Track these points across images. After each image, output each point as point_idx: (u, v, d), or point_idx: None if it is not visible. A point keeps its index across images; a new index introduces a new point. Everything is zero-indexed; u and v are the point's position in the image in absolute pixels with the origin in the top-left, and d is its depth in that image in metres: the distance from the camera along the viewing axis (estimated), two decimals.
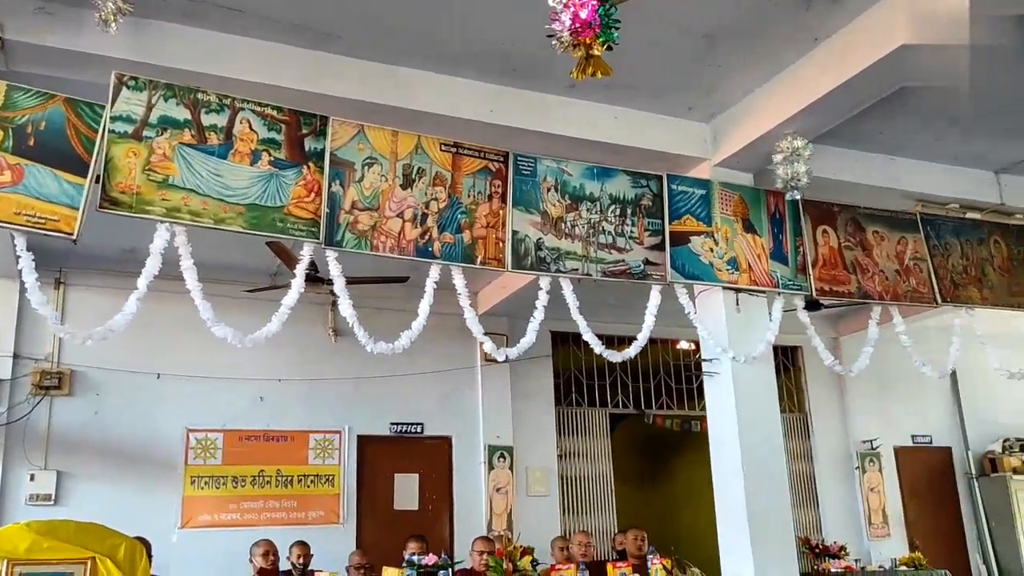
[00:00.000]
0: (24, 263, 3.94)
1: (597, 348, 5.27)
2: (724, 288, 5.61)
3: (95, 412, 7.51)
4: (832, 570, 8.60)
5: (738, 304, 5.66)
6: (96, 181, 4.04)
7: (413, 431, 8.63)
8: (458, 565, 6.08)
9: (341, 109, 4.77)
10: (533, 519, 8.51)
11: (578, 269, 5.15)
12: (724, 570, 5.52)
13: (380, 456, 8.43)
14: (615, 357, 5.40)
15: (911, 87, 5.06)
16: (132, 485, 7.39)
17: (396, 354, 4.74)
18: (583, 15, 2.71)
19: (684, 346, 9.64)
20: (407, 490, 8.48)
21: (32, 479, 7.13)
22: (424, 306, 4.71)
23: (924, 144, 6.30)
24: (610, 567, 5.76)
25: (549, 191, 5.16)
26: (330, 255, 4.55)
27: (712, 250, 5.55)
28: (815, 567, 8.88)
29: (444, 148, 4.92)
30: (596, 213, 5.26)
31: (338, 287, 4.58)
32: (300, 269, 4.55)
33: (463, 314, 4.88)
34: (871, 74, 4.75)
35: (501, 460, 8.72)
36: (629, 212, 5.37)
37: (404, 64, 5.09)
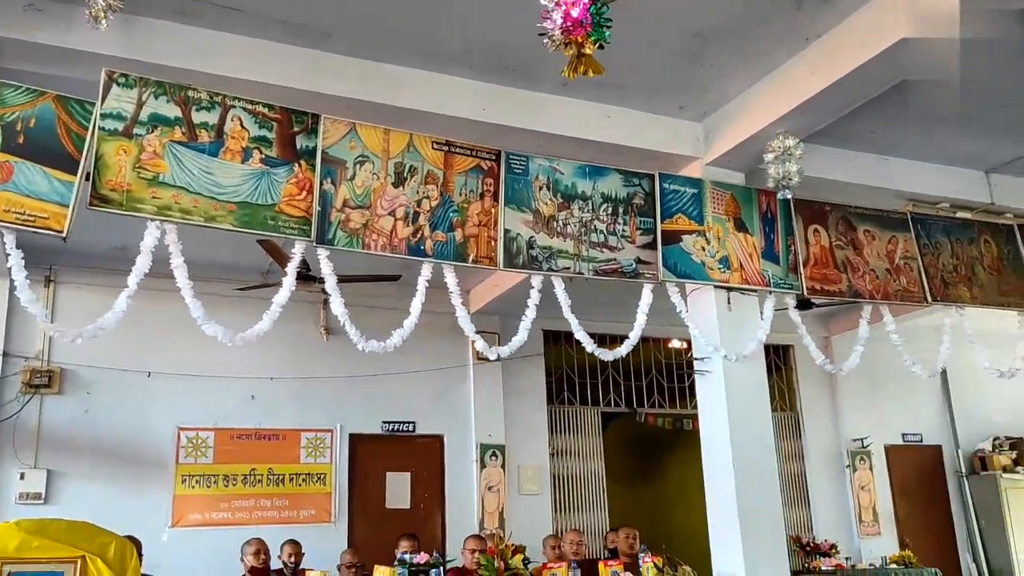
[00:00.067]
0: (13, 261, 3.92)
1: (589, 347, 5.28)
2: (716, 287, 5.63)
3: (85, 410, 7.48)
4: (823, 568, 8.66)
5: (729, 303, 5.67)
6: (86, 179, 4.02)
7: (405, 429, 8.63)
8: (450, 564, 6.08)
9: (333, 107, 4.77)
10: (525, 517, 8.51)
11: (570, 268, 5.16)
12: (715, 568, 5.53)
13: (372, 455, 8.42)
14: (607, 356, 5.41)
15: (902, 87, 5.08)
16: (123, 484, 7.37)
17: (388, 352, 4.73)
18: (575, 14, 2.71)
19: (676, 345, 9.66)
20: (399, 489, 8.47)
21: (22, 478, 7.09)
22: (416, 304, 4.71)
23: (915, 144, 6.33)
24: (602, 565, 5.78)
25: (541, 190, 5.16)
26: (321, 253, 4.55)
27: (704, 249, 5.57)
28: (806, 565, 8.93)
29: (436, 146, 4.92)
30: (588, 212, 5.27)
31: (330, 285, 4.58)
32: (291, 267, 4.54)
33: (455, 312, 4.88)
34: (862, 74, 4.77)
35: (493, 458, 8.72)
36: (621, 211, 5.37)
37: (396, 62, 5.08)
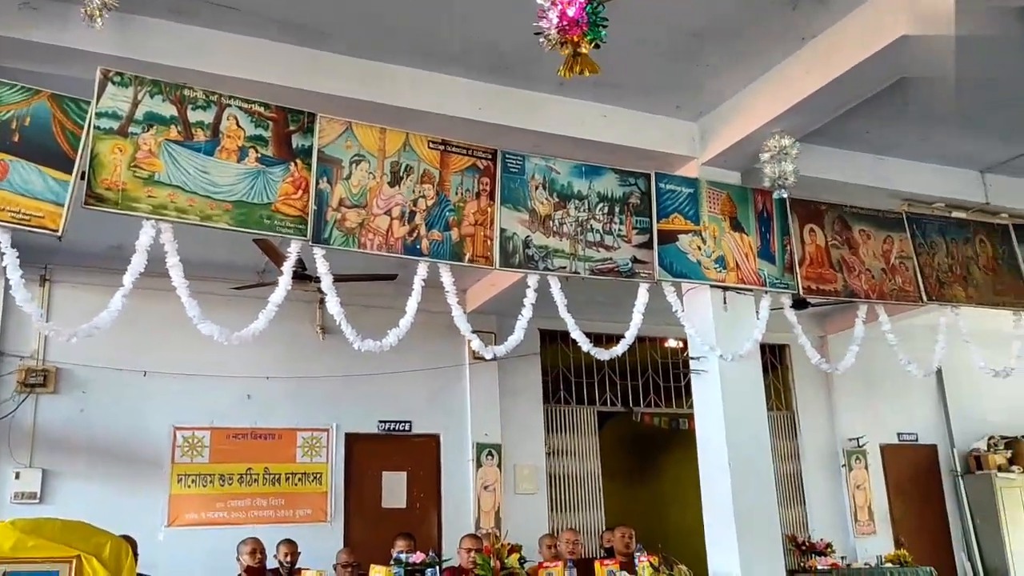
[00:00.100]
0: (8, 260, 3.91)
1: (585, 346, 5.28)
2: (712, 286, 5.63)
3: (81, 410, 7.47)
4: (818, 567, 8.67)
5: (725, 302, 5.68)
6: (81, 177, 4.01)
7: (401, 429, 8.62)
8: (446, 563, 6.08)
9: (329, 106, 4.76)
10: (521, 517, 8.51)
11: (566, 267, 5.16)
12: (711, 567, 5.54)
13: (368, 454, 8.42)
14: (603, 355, 5.41)
15: (897, 87, 5.08)
16: (118, 483, 7.36)
17: (384, 352, 4.72)
18: (571, 13, 2.71)
19: (672, 344, 9.67)
20: (395, 488, 8.47)
21: (17, 477, 7.09)
22: (412, 304, 4.70)
23: (911, 144, 6.34)
24: (598, 565, 5.78)
25: (537, 189, 5.16)
26: (317, 252, 4.54)
27: (700, 248, 5.57)
28: (801, 564, 8.95)
29: (432, 145, 4.91)
30: (584, 211, 5.27)
31: (326, 284, 4.57)
32: (287, 266, 4.54)
33: (451, 312, 4.88)
34: (857, 73, 4.77)
35: (489, 458, 8.72)
36: (617, 210, 5.37)
37: (392, 61, 5.08)
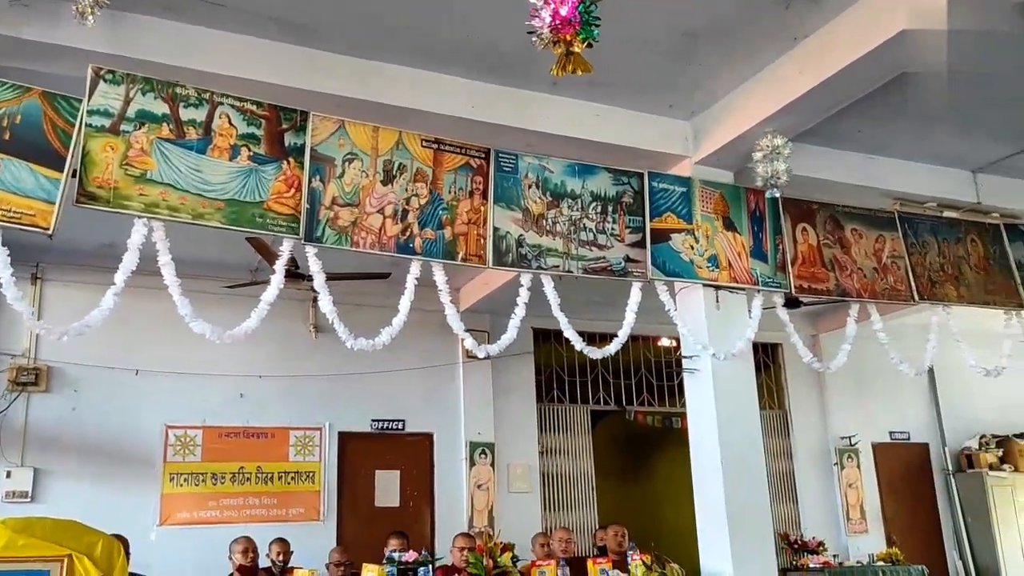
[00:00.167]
0: None
1: (578, 345, 5.29)
2: (704, 285, 5.64)
3: (73, 408, 7.44)
4: (810, 565, 8.70)
5: (718, 301, 5.69)
6: (73, 175, 4.00)
7: (394, 428, 8.62)
8: (439, 562, 6.07)
9: (321, 104, 4.75)
10: (514, 515, 8.51)
11: (559, 266, 5.16)
12: (703, 565, 5.55)
13: (361, 453, 8.41)
14: (596, 354, 5.42)
15: (889, 87, 5.10)
16: (110, 482, 7.33)
17: (377, 350, 4.73)
18: (563, 12, 2.71)
19: (665, 343, 9.69)
20: (388, 487, 8.46)
21: (8, 476, 7.05)
22: (405, 302, 4.70)
23: (903, 143, 6.36)
24: (590, 563, 5.78)
25: (530, 188, 5.16)
26: (310, 251, 4.54)
27: (693, 247, 5.58)
28: (794, 562, 8.98)
29: (425, 144, 4.91)
30: (577, 210, 5.27)
31: (318, 283, 4.56)
32: (280, 265, 4.52)
33: (444, 311, 4.88)
34: (850, 73, 4.78)
35: (482, 457, 8.72)
36: (610, 209, 5.38)
37: (385, 59, 5.07)
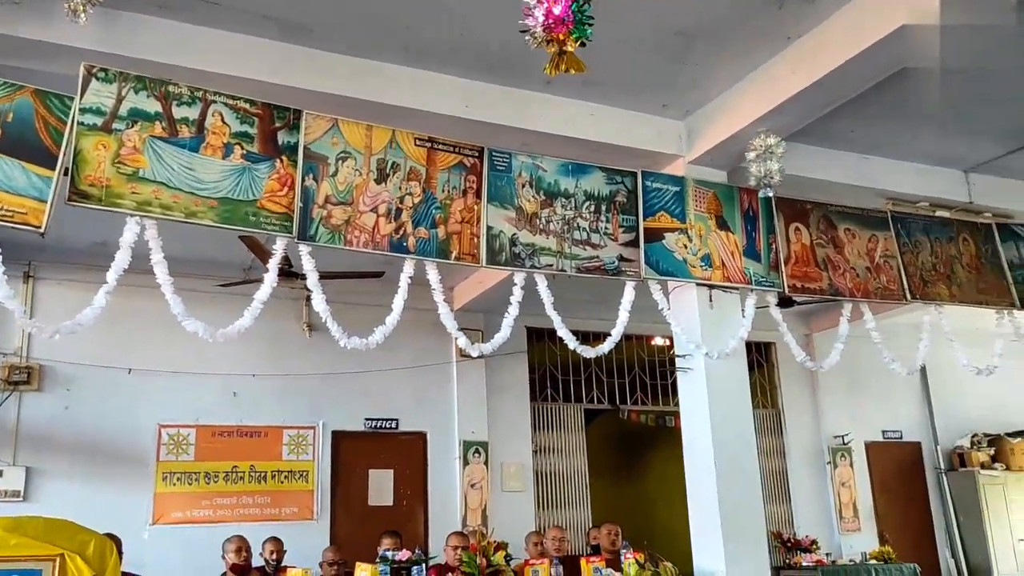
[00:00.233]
0: None
1: (572, 344, 5.28)
2: (697, 285, 5.65)
3: (65, 407, 7.42)
4: (803, 564, 8.73)
5: (711, 300, 5.70)
6: (65, 174, 3.98)
7: (388, 427, 8.61)
8: (432, 561, 6.08)
9: (315, 103, 4.74)
10: (508, 514, 8.52)
11: (553, 265, 5.16)
12: (696, 564, 5.56)
13: (354, 452, 8.41)
14: (589, 353, 5.41)
15: (882, 87, 5.11)
16: (103, 481, 7.32)
17: (371, 349, 4.71)
18: (556, 11, 2.71)
19: (658, 342, 9.70)
20: (381, 486, 8.46)
21: (0, 475, 7.03)
22: (398, 301, 4.69)
23: (895, 143, 6.38)
24: (584, 562, 5.78)
25: (524, 187, 5.16)
26: (303, 250, 4.52)
27: (686, 247, 5.58)
28: (787, 561, 9.00)
29: (419, 143, 4.90)
30: (571, 209, 5.27)
31: (312, 282, 4.55)
32: (273, 264, 4.51)
33: (438, 309, 4.87)
34: (843, 73, 4.80)
35: (476, 456, 8.73)
36: (604, 208, 5.38)
37: (379, 58, 5.07)
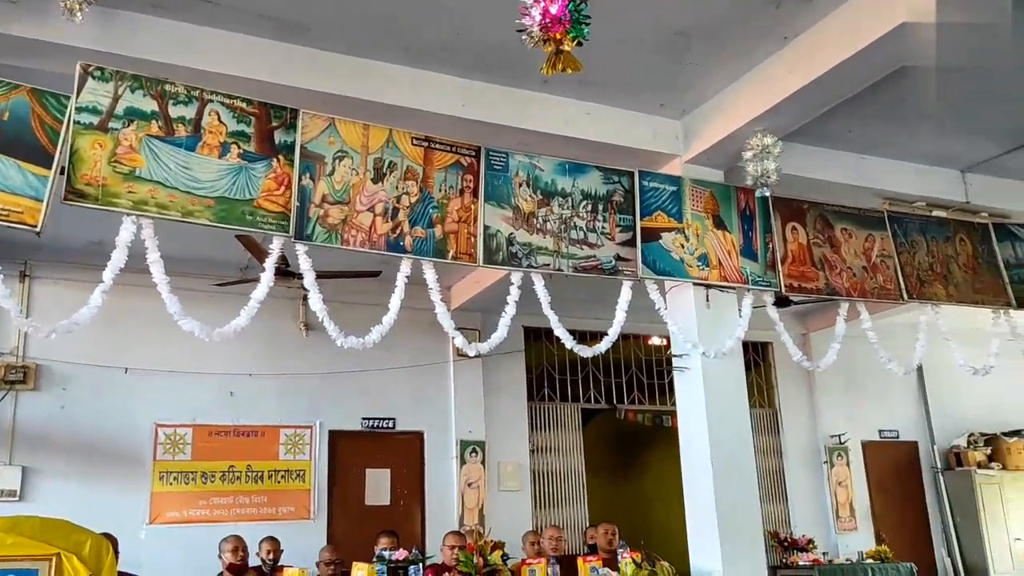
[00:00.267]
0: None
1: (569, 343, 5.28)
2: (694, 284, 5.65)
3: (61, 407, 7.41)
4: (800, 563, 8.74)
5: (708, 300, 5.70)
6: (61, 173, 3.97)
7: (385, 426, 8.61)
8: (429, 560, 6.08)
9: (312, 102, 4.73)
10: (505, 514, 8.52)
11: (550, 264, 5.15)
12: (693, 563, 5.57)
13: (351, 451, 8.41)
14: (586, 352, 5.41)
15: (879, 86, 5.12)
16: (99, 481, 7.31)
17: (368, 349, 4.71)
18: (553, 10, 2.72)
19: (655, 342, 9.71)
20: (378, 485, 8.46)
21: None
22: (395, 300, 4.68)
23: (892, 143, 6.39)
24: (580, 561, 5.79)
25: (521, 186, 5.15)
26: (300, 249, 4.51)
27: (683, 246, 5.59)
28: (783, 560, 9.01)
29: (415, 142, 4.89)
30: (568, 209, 5.27)
31: (308, 281, 4.55)
32: (270, 263, 4.51)
33: (435, 309, 4.86)
34: (840, 72, 4.80)
35: (473, 455, 8.73)
36: (601, 208, 5.38)
37: (376, 57, 5.07)
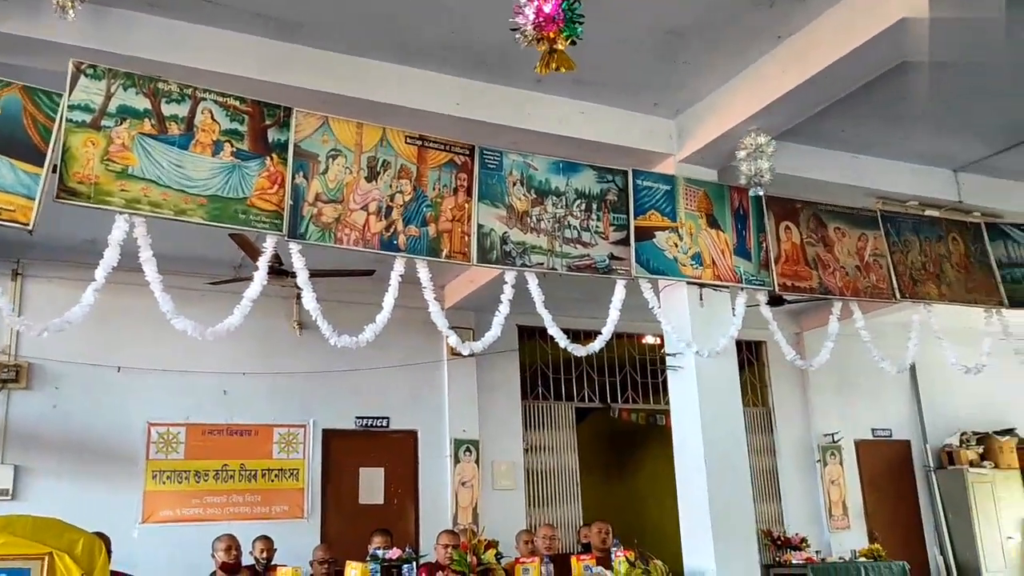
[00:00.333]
0: None
1: (563, 342, 5.28)
2: (688, 283, 5.65)
3: (54, 405, 7.39)
4: (793, 562, 8.76)
5: (702, 299, 5.70)
6: (53, 171, 3.95)
7: (379, 425, 8.61)
8: (423, 559, 6.09)
9: (305, 100, 4.72)
10: (499, 513, 8.52)
11: (543, 263, 5.15)
12: (686, 562, 5.58)
13: (345, 450, 8.40)
14: (580, 351, 5.41)
15: (872, 86, 5.13)
16: (92, 480, 7.29)
17: (361, 347, 4.70)
18: (547, 9, 2.72)
19: (649, 340, 9.72)
20: (372, 484, 8.45)
21: None
22: (389, 299, 4.67)
23: (885, 142, 6.41)
24: (574, 560, 5.81)
25: (515, 185, 5.15)
26: (293, 248, 4.50)
27: (676, 245, 5.59)
28: (776, 559, 9.02)
29: (409, 141, 4.89)
30: (562, 207, 5.27)
31: (302, 280, 4.54)
32: (263, 261, 4.50)
33: (429, 308, 4.86)
34: (833, 71, 4.80)
35: (467, 454, 8.73)
36: (595, 207, 5.38)
37: (370, 56, 5.06)
